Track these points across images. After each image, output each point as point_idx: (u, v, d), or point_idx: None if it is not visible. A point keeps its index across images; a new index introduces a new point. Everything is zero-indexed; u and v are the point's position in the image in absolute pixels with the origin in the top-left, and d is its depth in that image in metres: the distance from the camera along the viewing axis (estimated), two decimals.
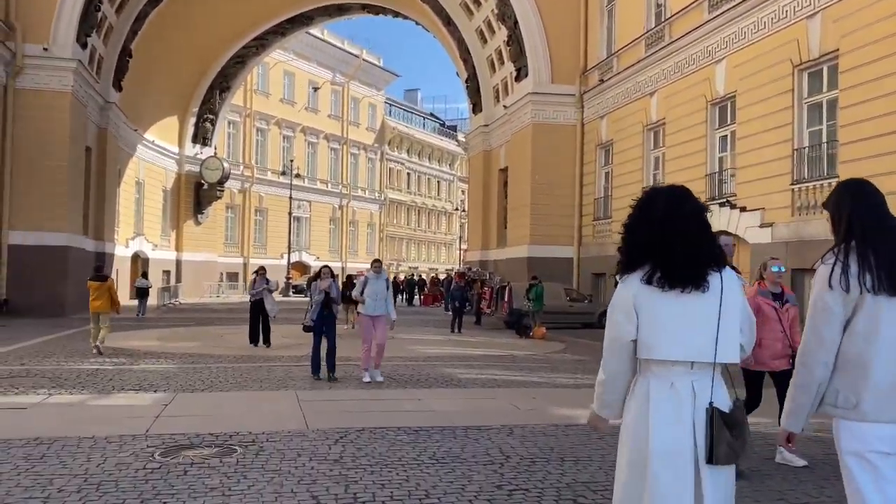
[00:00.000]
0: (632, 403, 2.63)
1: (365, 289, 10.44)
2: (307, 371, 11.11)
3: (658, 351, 2.55)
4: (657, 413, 2.53)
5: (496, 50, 30.96)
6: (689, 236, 2.60)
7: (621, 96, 24.90)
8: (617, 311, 2.65)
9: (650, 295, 2.57)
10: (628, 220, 2.75)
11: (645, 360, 2.60)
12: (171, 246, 40.31)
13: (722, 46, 19.44)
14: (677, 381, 2.54)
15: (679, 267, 2.56)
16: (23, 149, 23.43)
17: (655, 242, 2.60)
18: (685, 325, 2.55)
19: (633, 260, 2.66)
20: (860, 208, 2.68)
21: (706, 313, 2.55)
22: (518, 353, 14.54)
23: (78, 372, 10.54)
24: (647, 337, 2.57)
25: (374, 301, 10.34)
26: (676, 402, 2.52)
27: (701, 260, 2.59)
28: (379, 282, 10.51)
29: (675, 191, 2.76)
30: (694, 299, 2.55)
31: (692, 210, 2.69)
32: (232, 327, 20.47)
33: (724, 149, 19.92)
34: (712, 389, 2.55)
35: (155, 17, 31.21)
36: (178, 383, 9.63)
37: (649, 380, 2.59)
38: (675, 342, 2.54)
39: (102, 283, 13.39)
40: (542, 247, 27.15)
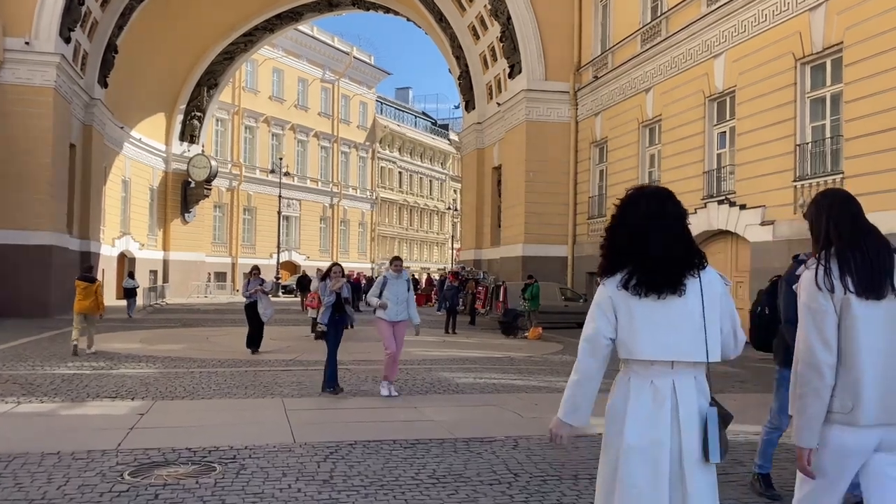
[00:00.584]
0: (613, 400, 2.63)
1: (383, 291, 9.17)
2: (296, 377, 10.59)
3: (637, 352, 2.56)
4: (635, 410, 2.54)
5: (489, 46, 30.47)
6: (666, 240, 2.59)
7: (616, 93, 24.47)
8: (595, 312, 2.64)
9: (627, 299, 2.57)
10: (610, 222, 2.75)
11: (625, 359, 2.60)
12: (158, 245, 39.63)
13: (721, 41, 19.02)
14: (657, 380, 2.55)
15: (654, 272, 2.55)
16: (4, 146, 22.75)
17: (638, 244, 2.59)
18: (665, 326, 2.55)
19: (612, 262, 2.66)
20: (838, 216, 2.75)
21: (686, 315, 2.56)
22: (515, 355, 14.05)
23: (52, 377, 9.97)
24: (626, 338, 2.57)
25: (396, 305, 9.11)
26: (656, 399, 2.53)
27: (677, 265, 2.58)
28: (400, 283, 9.24)
29: (660, 192, 2.73)
30: (672, 302, 2.56)
31: (675, 212, 2.67)
32: (218, 329, 19.92)
33: (723, 145, 19.50)
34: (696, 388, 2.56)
35: (141, 13, 30.54)
36: (157, 390, 9.09)
37: (630, 378, 2.60)
38: (655, 343, 2.55)
39: (90, 284, 13.26)
40: (536, 246, 26.71)
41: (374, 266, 61.02)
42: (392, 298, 9.08)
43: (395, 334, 9.20)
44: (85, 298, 12.99)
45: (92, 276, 13.80)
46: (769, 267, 16.36)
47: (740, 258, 18.63)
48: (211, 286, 44.04)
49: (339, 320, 9.47)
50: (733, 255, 18.91)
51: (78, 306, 13.04)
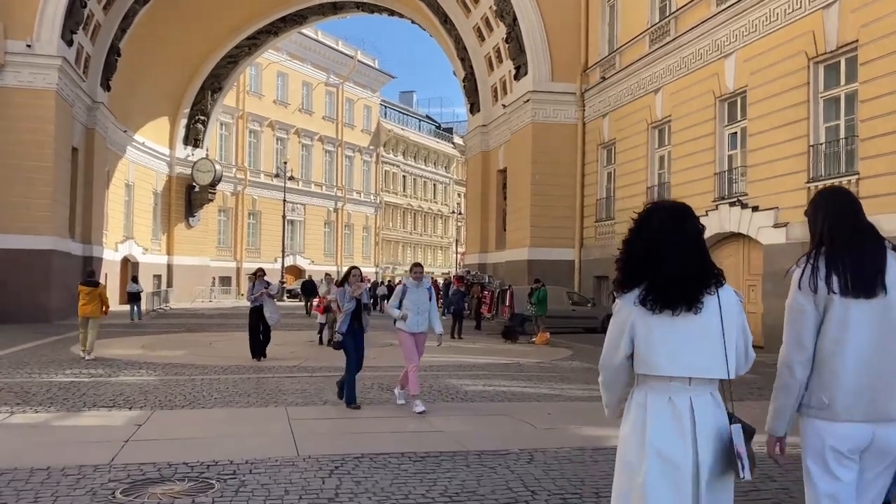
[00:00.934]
0: (629, 415, 2.63)
1: (403, 300, 8.48)
2: (300, 384, 10.27)
3: (655, 367, 2.55)
4: (655, 426, 2.52)
5: (494, 48, 30.19)
6: (683, 257, 2.59)
7: (624, 94, 24.14)
8: (613, 328, 2.66)
9: (644, 316, 2.57)
10: (627, 236, 2.74)
11: (643, 374, 2.60)
12: (162, 250, 39.40)
13: (731, 40, 18.70)
14: (675, 397, 2.54)
15: (670, 288, 2.55)
16: (5, 149, 22.53)
17: (654, 260, 2.59)
18: (682, 343, 2.55)
19: (628, 276, 2.66)
20: (835, 215, 2.77)
21: (703, 331, 2.55)
22: (524, 361, 13.71)
23: (49, 385, 9.68)
24: (643, 354, 2.57)
25: (417, 315, 8.41)
26: (675, 416, 2.52)
27: (693, 281, 2.57)
28: (421, 291, 8.54)
29: (677, 207, 2.74)
30: (688, 319, 2.55)
31: (692, 228, 2.67)
32: (222, 334, 19.63)
33: (734, 146, 19.16)
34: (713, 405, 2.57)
35: (144, 16, 30.36)
36: (156, 399, 8.78)
37: (647, 393, 2.59)
38: (673, 359, 2.54)
39: (94, 288, 13.34)
40: (542, 249, 26.36)
41: (378, 270, 60.73)
42: (413, 308, 8.42)
43: (416, 345, 8.56)
44: (88, 303, 13.05)
45: (95, 281, 13.90)
46: (782, 270, 16.06)
47: (752, 261, 18.28)
48: (215, 291, 43.80)
49: (359, 330, 8.66)
50: (745, 258, 18.56)
51: (81, 311, 13.10)
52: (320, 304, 16.61)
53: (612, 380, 2.68)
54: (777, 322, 16.13)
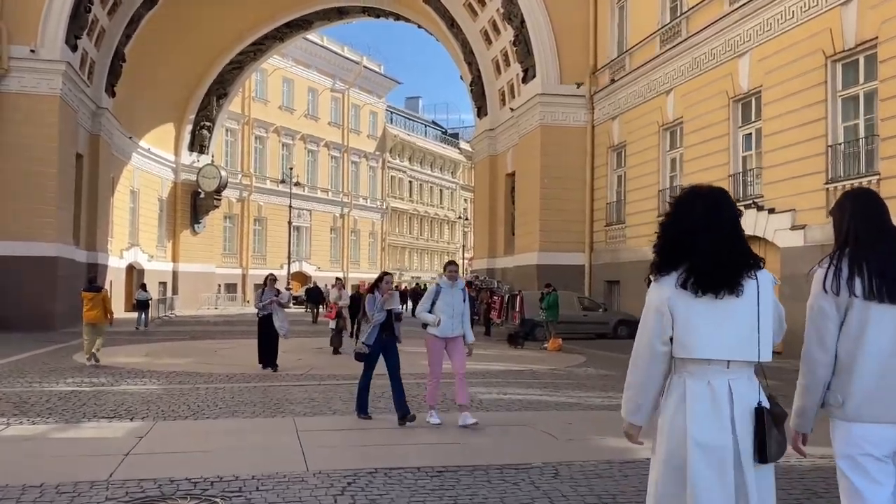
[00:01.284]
0: (668, 402, 2.61)
1: (436, 302, 7.75)
2: (307, 392, 9.92)
3: (694, 350, 2.55)
4: (695, 411, 2.52)
5: (501, 51, 29.91)
6: (724, 241, 2.60)
7: (635, 96, 23.80)
8: (651, 314, 2.63)
9: (685, 298, 2.57)
10: (665, 219, 2.74)
11: (681, 358, 2.59)
12: (168, 256, 39.15)
13: (745, 39, 18.35)
14: (714, 380, 2.55)
15: (713, 272, 2.55)
16: (9, 155, 22.30)
17: (690, 244, 2.60)
18: (721, 325, 2.56)
19: (667, 260, 2.65)
20: (860, 216, 2.76)
21: (743, 314, 2.56)
22: (538, 368, 13.34)
23: (49, 395, 9.35)
24: (682, 336, 2.57)
25: (451, 318, 7.71)
26: (714, 400, 2.53)
27: (735, 264, 2.59)
28: (455, 293, 7.83)
29: (714, 193, 2.74)
30: (730, 302, 2.56)
31: (728, 214, 2.69)
32: (227, 342, 19.32)
33: (749, 147, 18.79)
34: (750, 388, 2.58)
35: (149, 21, 30.17)
36: (159, 409, 8.44)
37: (685, 378, 2.59)
38: (712, 342, 2.55)
39: (97, 293, 13.26)
40: (551, 254, 25.99)
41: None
42: (447, 311, 7.69)
43: (451, 351, 7.85)
44: (92, 308, 12.98)
45: (97, 286, 13.79)
46: (801, 273, 15.67)
47: (769, 265, 17.31)
48: (221, 298, 43.52)
49: (389, 341, 7.89)
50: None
51: (86, 317, 13.05)
52: (331, 310, 16.11)
53: (649, 373, 2.62)
54: (796, 328, 15.78)
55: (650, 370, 2.62)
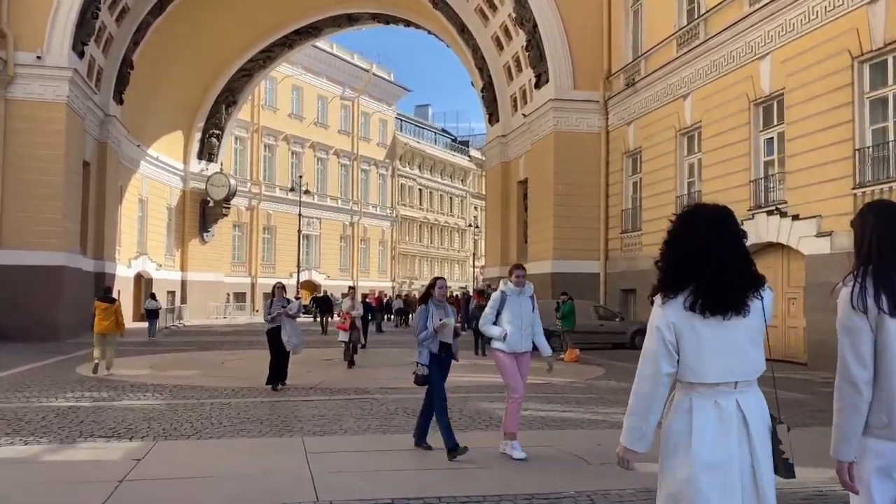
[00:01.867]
0: (673, 422, 2.57)
1: (502, 312, 6.75)
2: (317, 408, 9.42)
3: (703, 375, 2.53)
4: (703, 431, 2.50)
5: (513, 56, 29.49)
6: (731, 260, 2.57)
7: (651, 100, 23.28)
8: (656, 338, 2.58)
9: (692, 320, 2.54)
10: (668, 238, 2.69)
11: (688, 382, 2.57)
12: (176, 265, 38.84)
13: (766, 41, 17.83)
14: (721, 400, 2.53)
15: (722, 293, 2.53)
16: (15, 163, 22.01)
17: (697, 265, 2.56)
18: (728, 347, 2.54)
19: (672, 281, 2.60)
20: (883, 230, 2.67)
21: (749, 334, 2.57)
22: (556, 381, 12.77)
23: (46, 411, 8.90)
24: (691, 361, 2.54)
25: (520, 331, 6.71)
26: (722, 420, 2.51)
27: (741, 285, 2.57)
28: (523, 300, 6.81)
29: (720, 212, 2.70)
30: (738, 323, 2.54)
31: (735, 234, 2.66)
32: (235, 352, 18.88)
33: (771, 152, 18.24)
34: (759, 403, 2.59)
35: (158, 28, 29.94)
36: (161, 426, 7.97)
37: (691, 397, 2.56)
38: (721, 365, 2.53)
39: (111, 304, 13.45)
40: (566, 262, 25.47)
41: (394, 285, 59.95)
42: (514, 322, 6.66)
43: (520, 370, 6.79)
44: (105, 319, 13.15)
45: (111, 297, 14.01)
46: (827, 281, 15.07)
47: (793, 272, 17.30)
48: (230, 307, 43.17)
49: (445, 359, 6.84)
50: (784, 269, 17.56)
51: (98, 327, 13.17)
52: (344, 320, 15.29)
53: (654, 399, 2.56)
54: (822, 338, 15.02)
55: (654, 396, 2.57)
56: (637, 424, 2.59)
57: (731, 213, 2.71)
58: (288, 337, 11.16)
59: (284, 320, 11.36)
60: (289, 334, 11.20)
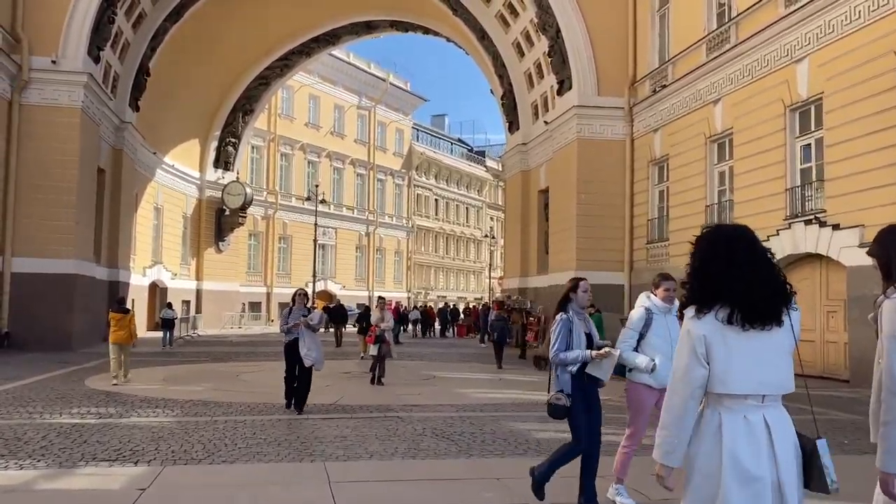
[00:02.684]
0: (701, 437, 2.60)
1: (647, 336, 5.50)
2: (338, 428, 8.75)
3: (733, 385, 2.57)
4: (733, 445, 2.52)
5: (535, 63, 28.90)
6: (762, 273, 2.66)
7: (678, 106, 22.56)
8: (688, 351, 2.63)
9: (726, 333, 2.60)
10: (699, 255, 2.74)
11: (717, 393, 2.60)
12: (191, 275, 38.42)
13: (804, 43, 17.09)
14: (750, 414, 2.57)
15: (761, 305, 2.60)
16: (29, 168, 21.61)
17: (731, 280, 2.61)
18: (759, 360, 2.58)
19: (704, 296, 2.66)
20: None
21: (778, 348, 2.62)
22: None
23: (48, 429, 8.29)
24: (720, 372, 2.58)
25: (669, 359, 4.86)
26: (751, 434, 2.54)
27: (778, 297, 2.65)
28: (671, 320, 5.53)
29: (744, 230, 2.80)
30: (769, 335, 2.61)
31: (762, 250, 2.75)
32: (250, 364, 18.28)
33: (808, 159, 17.45)
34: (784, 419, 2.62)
35: (175, 35, 29.61)
36: (170, 448, 7.34)
37: (720, 412, 2.60)
38: (750, 377, 2.57)
39: (125, 315, 13.62)
40: (589, 273, 24.53)
41: (410, 295, 59.33)
42: (662, 348, 5.31)
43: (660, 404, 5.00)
44: (119, 329, 13.30)
45: (125, 308, 14.10)
46: (872, 294, 14.30)
47: (832, 284, 16.48)
48: (245, 317, 42.69)
49: (591, 389, 5.43)
50: (823, 282, 16.75)
51: (113, 337, 13.37)
52: (371, 333, 14.17)
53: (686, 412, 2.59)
54: (866, 355, 14.09)
55: (687, 409, 2.59)
56: (668, 438, 2.62)
57: (752, 231, 2.80)
58: (307, 350, 9.76)
59: (303, 332, 9.93)
60: (308, 347, 9.80)
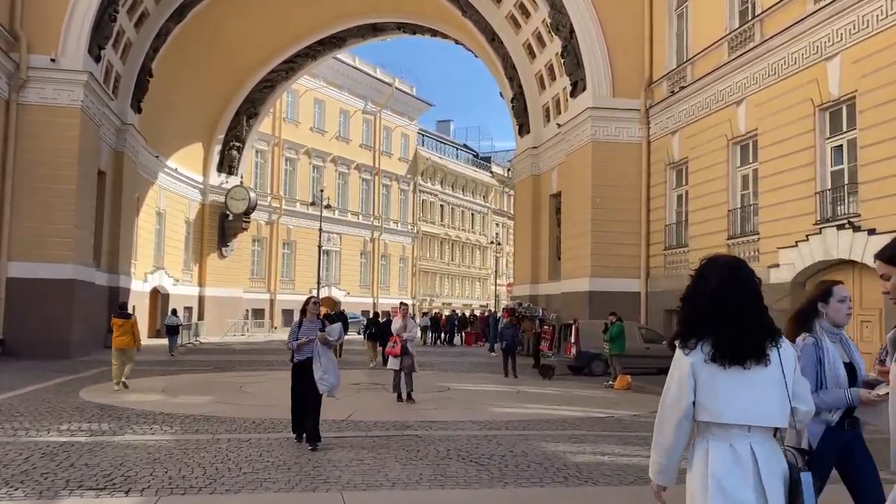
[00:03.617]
0: (693, 464, 2.69)
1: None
2: (353, 450, 7.94)
3: (716, 414, 2.63)
4: (717, 469, 2.58)
5: (546, 65, 28.20)
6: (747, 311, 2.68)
7: (698, 108, 21.79)
8: (674, 382, 2.72)
9: (711, 368, 2.65)
10: (687, 291, 2.82)
11: (704, 422, 2.66)
12: (194, 281, 37.66)
13: (835, 40, 16.30)
14: (736, 443, 2.62)
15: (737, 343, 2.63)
16: (26, 169, 20.86)
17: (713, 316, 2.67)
18: (743, 391, 2.63)
19: (690, 331, 2.72)
20: None
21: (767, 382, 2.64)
22: (619, 414, 11.25)
23: (32, 449, 7.50)
24: (705, 401, 2.65)
25: None
26: (737, 461, 2.59)
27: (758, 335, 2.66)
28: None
29: (735, 263, 2.82)
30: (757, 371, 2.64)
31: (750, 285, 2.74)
32: (254, 374, 17.48)
33: (839, 161, 16.64)
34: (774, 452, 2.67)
35: (178, 35, 28.94)
36: (166, 474, 6.53)
37: (707, 440, 2.66)
38: (734, 407, 2.62)
39: (126, 320, 13.73)
40: (604, 279, 23.93)
41: (415, 302, 58.50)
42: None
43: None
44: (122, 334, 13.43)
45: (127, 313, 14.21)
46: None
47: (866, 293, 15.63)
48: (248, 324, 41.88)
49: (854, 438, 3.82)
50: (857, 289, 15.89)
51: (115, 342, 13.50)
52: (395, 344, 12.59)
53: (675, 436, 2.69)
54: None
55: (676, 433, 2.68)
56: (658, 458, 2.75)
57: (744, 265, 2.81)
58: (322, 373, 8.02)
59: (318, 350, 8.11)
60: (324, 369, 8.04)
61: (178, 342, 24.58)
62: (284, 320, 46.27)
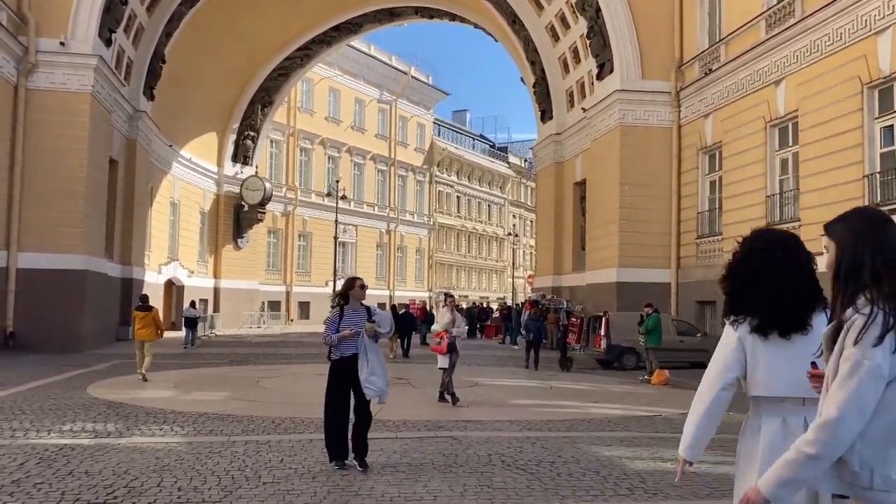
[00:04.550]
0: (744, 440, 2.65)
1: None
2: (384, 452, 7.14)
3: (767, 388, 2.58)
4: (769, 447, 2.51)
5: (570, 47, 27.23)
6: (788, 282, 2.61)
7: (732, 89, 20.78)
8: (721, 355, 2.67)
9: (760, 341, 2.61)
10: (734, 263, 2.75)
11: (755, 396, 2.62)
12: (209, 272, 37.04)
13: (886, 12, 15.27)
14: (789, 417, 2.56)
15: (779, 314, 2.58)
16: (35, 156, 20.21)
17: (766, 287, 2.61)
18: (795, 364, 2.53)
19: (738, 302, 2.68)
20: None
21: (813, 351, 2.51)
22: (666, 412, 10.37)
23: (28, 454, 6.75)
24: (756, 375, 2.60)
25: None
26: (787, 437, 2.47)
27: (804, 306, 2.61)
28: None
29: (792, 238, 2.76)
30: (801, 340, 2.58)
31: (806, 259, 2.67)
32: (270, 368, 16.75)
33: (890, 142, 15.64)
34: None
35: (191, 20, 28.20)
36: (176, 484, 5.75)
37: (761, 416, 2.61)
38: (784, 379, 2.56)
39: (147, 312, 13.90)
40: (632, 270, 22.99)
41: (431, 294, 57.73)
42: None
43: None
44: (143, 327, 13.65)
45: (148, 305, 14.32)
46: None
47: None
48: (265, 316, 41.28)
49: None
50: None
51: (138, 335, 13.78)
52: (441, 341, 11.12)
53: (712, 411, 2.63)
54: None
55: (713, 408, 2.63)
56: (693, 432, 2.69)
57: (800, 240, 2.74)
58: (369, 373, 6.44)
59: (364, 344, 6.52)
60: (371, 369, 6.48)
61: (195, 335, 24.03)
62: (300, 313, 45.61)
